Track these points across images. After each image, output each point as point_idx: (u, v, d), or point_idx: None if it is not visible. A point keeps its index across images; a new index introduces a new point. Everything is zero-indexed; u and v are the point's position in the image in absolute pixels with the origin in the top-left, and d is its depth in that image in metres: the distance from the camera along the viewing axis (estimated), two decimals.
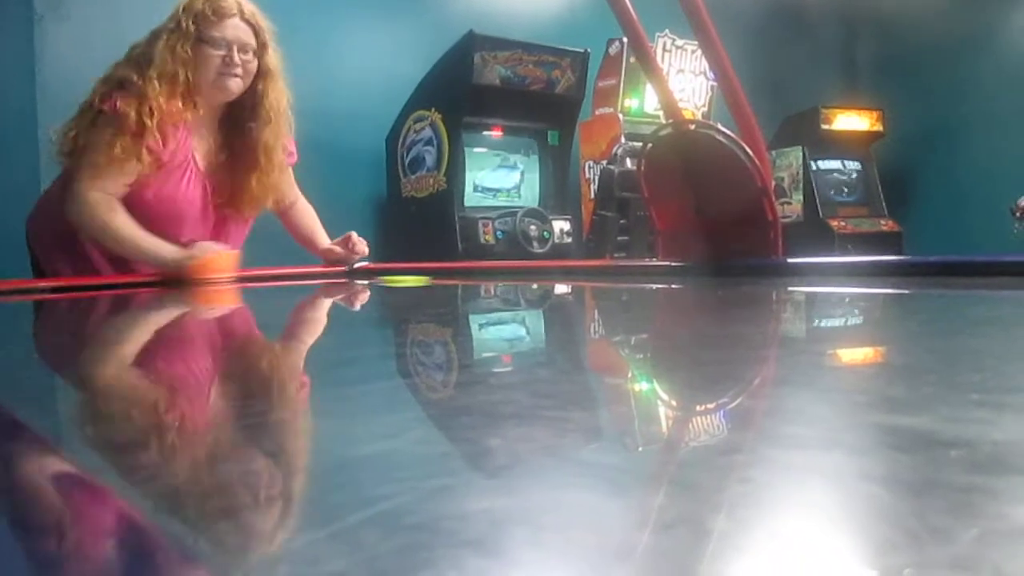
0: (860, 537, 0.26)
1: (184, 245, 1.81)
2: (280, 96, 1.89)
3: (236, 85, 1.83)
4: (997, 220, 4.22)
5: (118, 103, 1.71)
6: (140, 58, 1.78)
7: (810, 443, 0.36)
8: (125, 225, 1.76)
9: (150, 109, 1.72)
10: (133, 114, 1.71)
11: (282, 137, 1.92)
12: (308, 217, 2.12)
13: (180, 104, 1.77)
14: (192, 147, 1.85)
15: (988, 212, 4.42)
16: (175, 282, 1.70)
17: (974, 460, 0.32)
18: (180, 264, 1.74)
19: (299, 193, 2.10)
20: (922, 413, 0.41)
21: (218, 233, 1.91)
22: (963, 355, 0.60)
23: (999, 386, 0.48)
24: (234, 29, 1.80)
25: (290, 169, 2.02)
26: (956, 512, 0.26)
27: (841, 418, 0.43)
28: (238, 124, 1.89)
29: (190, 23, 1.77)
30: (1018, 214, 4.15)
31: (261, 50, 1.84)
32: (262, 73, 1.85)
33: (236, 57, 1.80)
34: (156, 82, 1.73)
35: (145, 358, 0.81)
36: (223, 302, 1.60)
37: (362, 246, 2.02)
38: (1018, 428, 0.36)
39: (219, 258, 1.80)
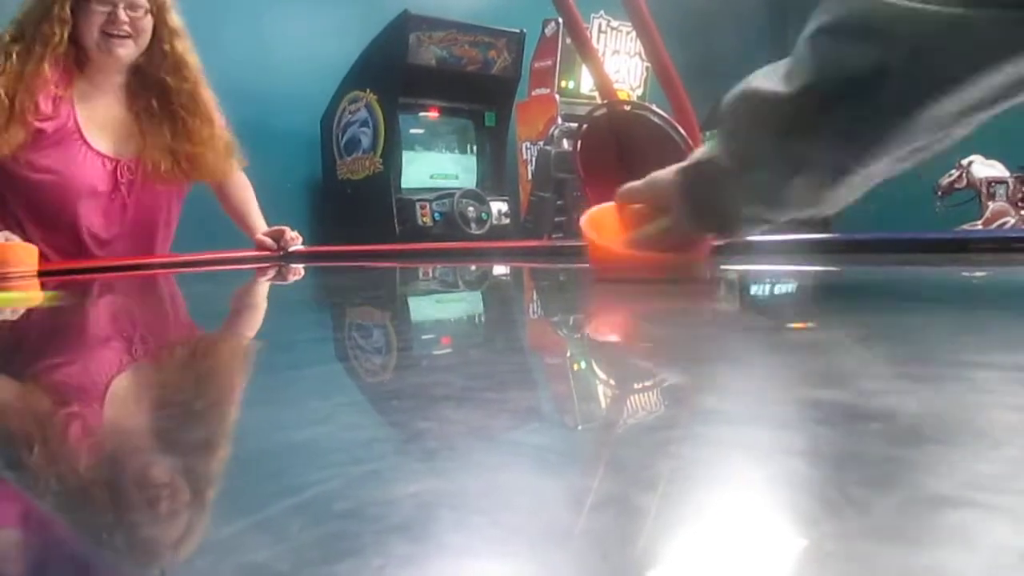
0: (782, 511, 0.26)
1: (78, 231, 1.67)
2: (192, 55, 1.73)
3: (126, 49, 1.65)
4: (922, 199, 4.35)
5: None
6: (22, 20, 1.61)
7: (736, 418, 0.37)
8: None
9: (18, 75, 1.56)
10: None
11: (208, 90, 1.77)
12: (244, 192, 2.02)
13: (59, 71, 1.61)
14: (80, 120, 1.69)
15: (913, 191, 4.56)
16: None
17: (893, 432, 0.32)
18: None
19: (236, 166, 2.00)
20: (845, 387, 0.42)
21: (140, 217, 1.82)
22: (886, 330, 0.62)
23: (918, 359, 0.50)
24: None
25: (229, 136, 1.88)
26: (875, 483, 0.27)
27: (767, 393, 0.44)
28: (153, 87, 1.73)
29: None
30: (939, 193, 4.30)
31: (160, 9, 1.67)
32: (169, 32, 1.69)
33: (122, 14, 1.61)
34: (27, 44, 1.57)
35: (60, 345, 0.78)
36: (151, 287, 1.56)
37: (294, 245, 1.94)
38: (936, 400, 0.38)
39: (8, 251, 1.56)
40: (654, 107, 1.89)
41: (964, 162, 4.18)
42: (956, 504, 0.24)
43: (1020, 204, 3.96)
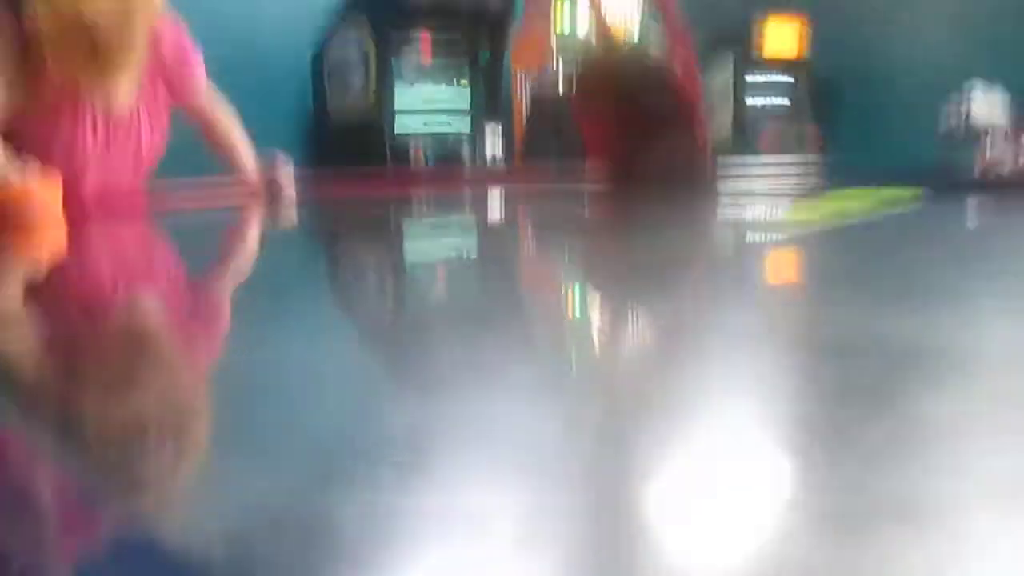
0: (781, 449, 0.26)
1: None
2: None
3: None
4: (919, 124, 4.29)
5: None
6: None
7: (734, 359, 0.37)
8: None
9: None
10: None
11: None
12: (230, 126, 1.85)
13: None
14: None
15: (910, 118, 4.51)
16: None
17: (890, 362, 0.33)
18: None
19: (215, 97, 1.84)
20: (839, 325, 0.42)
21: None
22: (881, 270, 0.62)
23: (920, 294, 0.49)
24: None
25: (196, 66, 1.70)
26: (867, 415, 0.27)
27: (764, 331, 0.44)
28: None
29: None
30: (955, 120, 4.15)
31: None
32: None
33: None
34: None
35: (43, 303, 0.77)
36: (142, 233, 1.54)
37: (288, 191, 1.80)
38: (924, 332, 0.38)
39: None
40: (651, 46, 1.86)
41: (966, 91, 4.09)
42: (949, 432, 0.25)
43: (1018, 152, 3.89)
